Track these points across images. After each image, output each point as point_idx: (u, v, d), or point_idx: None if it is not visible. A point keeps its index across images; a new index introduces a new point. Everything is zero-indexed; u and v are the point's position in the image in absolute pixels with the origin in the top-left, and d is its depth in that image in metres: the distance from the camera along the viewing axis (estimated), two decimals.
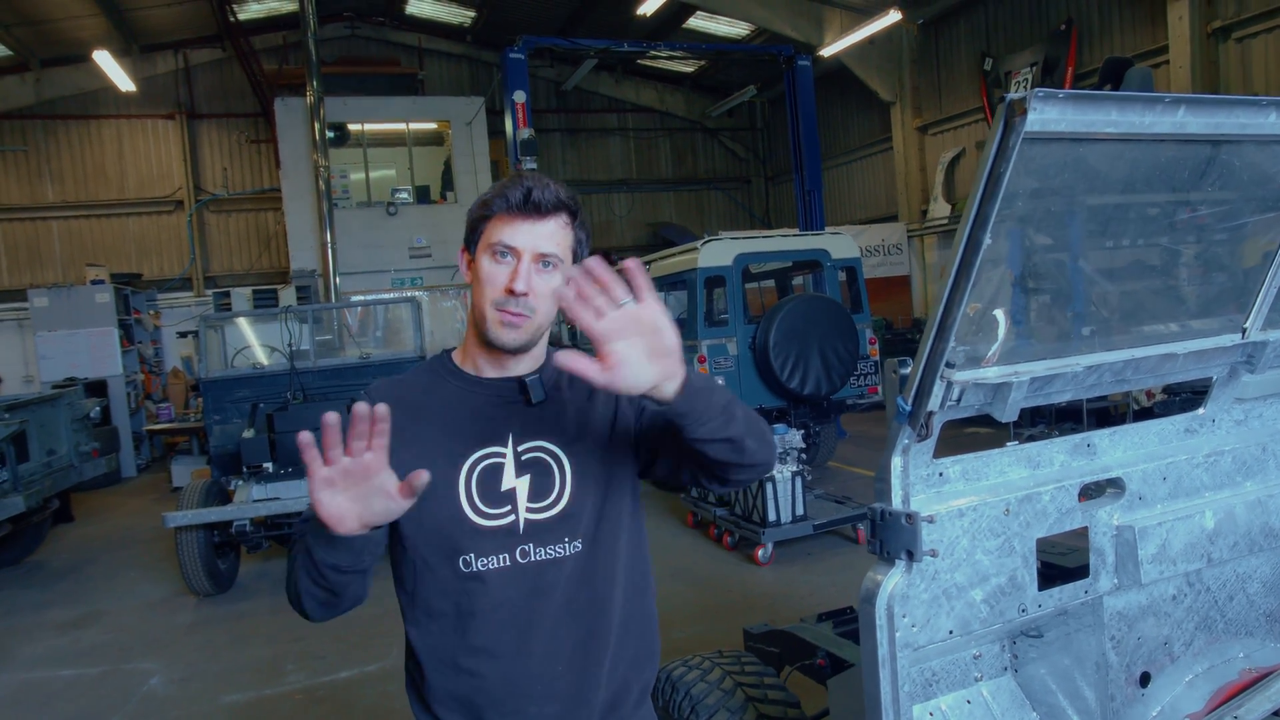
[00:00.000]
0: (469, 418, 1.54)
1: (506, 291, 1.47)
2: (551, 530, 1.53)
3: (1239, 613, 2.07)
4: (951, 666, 1.99)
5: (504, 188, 1.51)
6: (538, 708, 1.51)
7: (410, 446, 1.50)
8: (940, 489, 1.68)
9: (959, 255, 1.42)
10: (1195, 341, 1.84)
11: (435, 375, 1.61)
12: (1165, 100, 1.48)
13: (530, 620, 1.51)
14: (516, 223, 1.48)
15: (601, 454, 1.59)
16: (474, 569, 1.49)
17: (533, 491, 1.53)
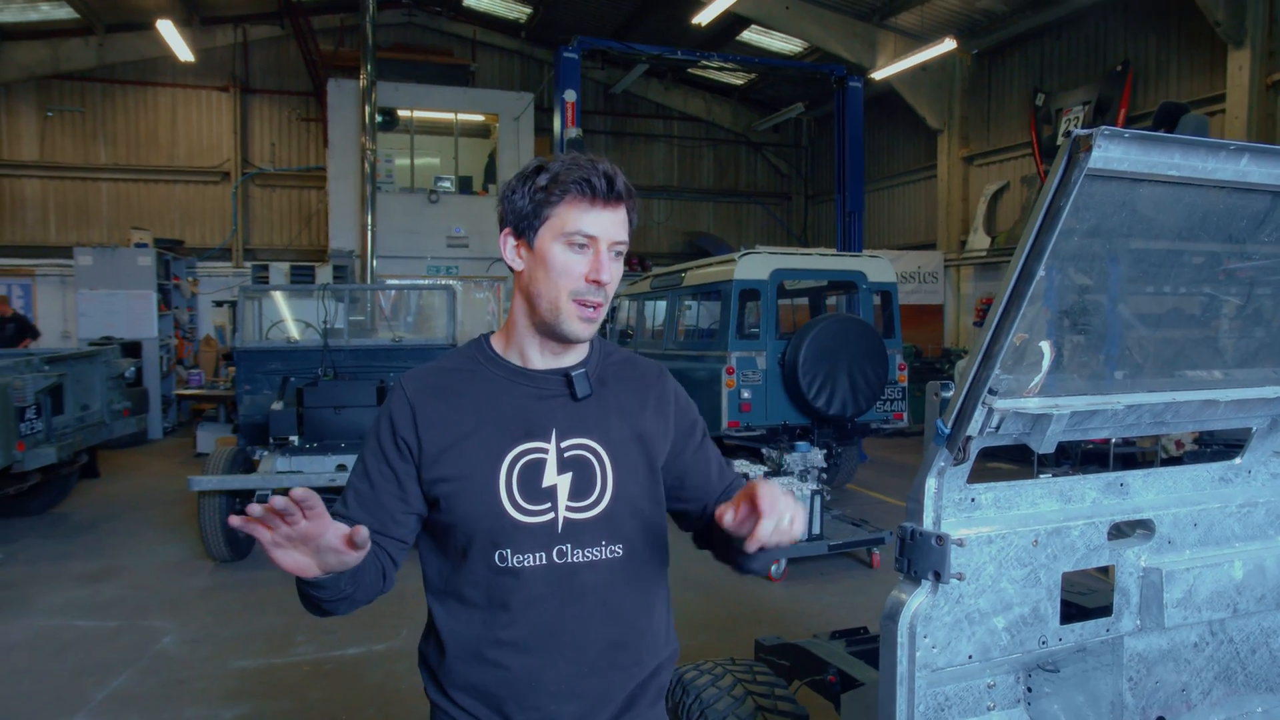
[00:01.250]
0: (513, 410, 1.51)
1: (592, 281, 1.45)
2: (590, 531, 1.51)
3: (1261, 667, 2.06)
4: (965, 693, 1.99)
5: (579, 172, 1.44)
6: (558, 706, 1.50)
7: (458, 433, 1.49)
8: (971, 514, 1.70)
9: (1011, 284, 1.44)
10: (1238, 390, 1.84)
11: (476, 363, 1.57)
12: (1230, 147, 1.49)
13: (561, 620, 1.50)
14: (598, 210, 1.45)
15: (647, 459, 1.58)
16: (509, 564, 1.48)
17: (574, 490, 1.50)
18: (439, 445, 1.48)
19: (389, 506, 1.51)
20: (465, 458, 1.47)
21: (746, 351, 8.16)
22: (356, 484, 1.54)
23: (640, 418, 1.59)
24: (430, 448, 1.48)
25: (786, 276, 8.67)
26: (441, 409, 1.50)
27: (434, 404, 1.50)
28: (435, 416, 1.49)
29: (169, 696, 4.39)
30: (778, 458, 6.97)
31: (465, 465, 1.48)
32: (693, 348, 9.11)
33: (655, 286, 10.26)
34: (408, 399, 1.52)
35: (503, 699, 1.50)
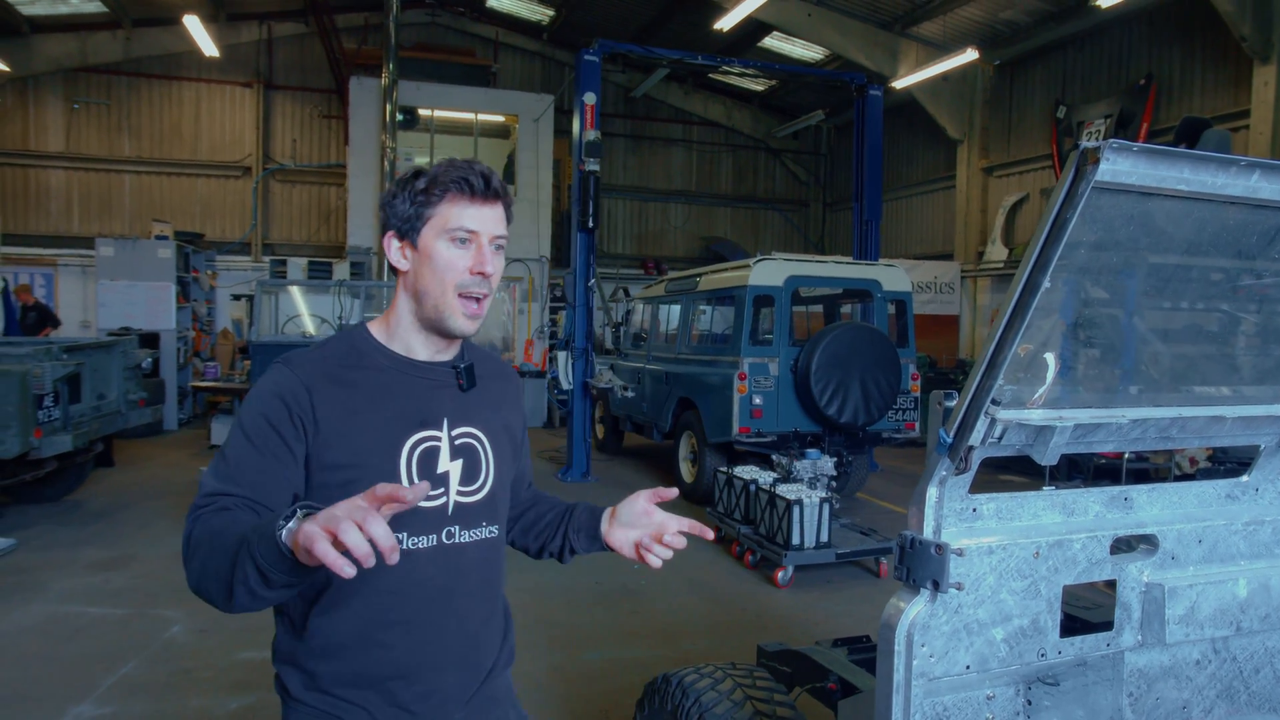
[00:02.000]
0: (407, 400, 1.57)
1: (476, 273, 1.54)
2: (475, 514, 1.62)
3: (1264, 687, 2.05)
4: (964, 704, 1.99)
5: (456, 172, 1.53)
6: (440, 676, 1.58)
7: (353, 419, 1.51)
8: (973, 524, 1.69)
9: (1016, 295, 1.44)
10: (1245, 407, 1.83)
11: (360, 353, 1.59)
12: (1240, 163, 1.48)
13: (449, 597, 1.58)
14: (477, 206, 1.53)
15: (512, 448, 1.74)
16: (404, 547, 1.51)
17: (464, 475, 1.60)
18: (335, 429, 1.49)
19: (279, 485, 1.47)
20: (365, 444, 1.49)
21: (759, 358, 8.15)
22: (237, 457, 1.48)
23: (504, 410, 1.74)
24: (326, 430, 1.49)
25: (801, 284, 8.65)
26: (337, 393, 1.52)
27: (329, 388, 1.52)
28: (331, 399, 1.51)
29: (175, 685, 4.43)
30: (788, 465, 6.96)
31: (365, 451, 1.50)
32: (706, 353, 9.11)
33: (670, 291, 10.26)
34: (301, 381, 1.51)
35: (388, 678, 1.55)
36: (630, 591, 6.08)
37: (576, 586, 6.14)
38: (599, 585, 6.19)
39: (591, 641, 5.12)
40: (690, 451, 9.18)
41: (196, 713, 4.14)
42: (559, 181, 18.28)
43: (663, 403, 9.67)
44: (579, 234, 9.92)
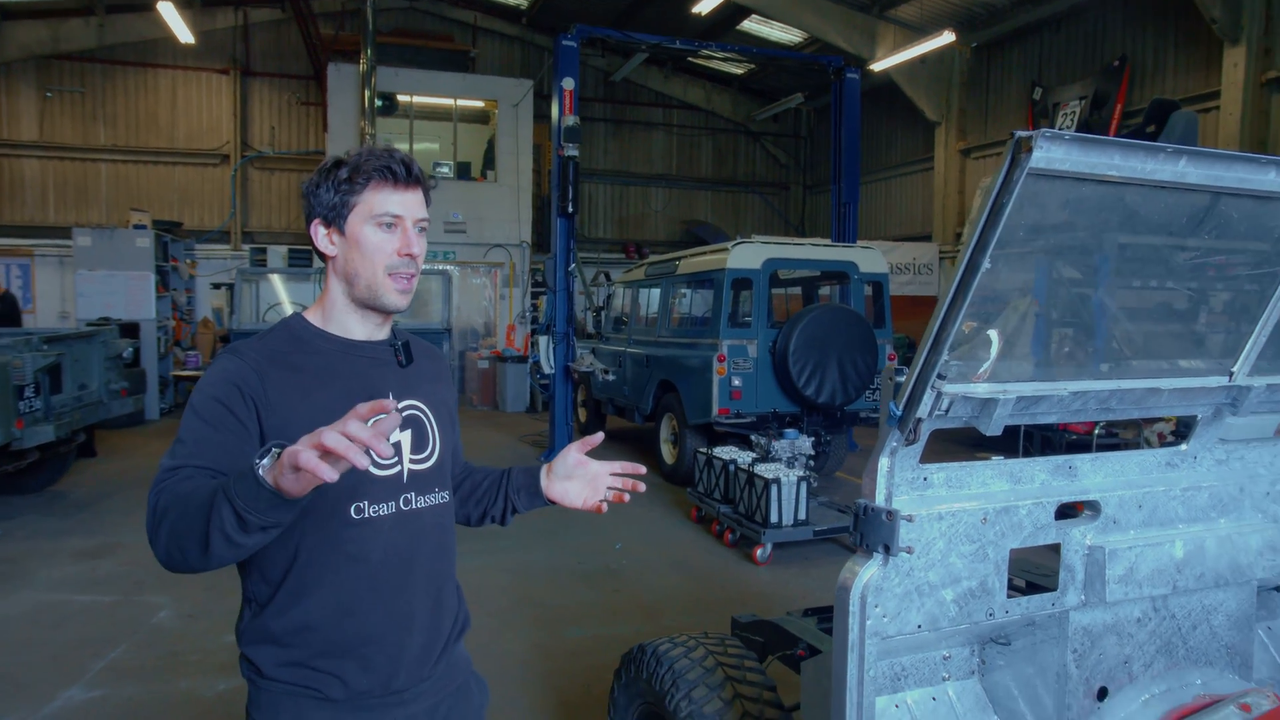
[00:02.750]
0: (353, 378, 1.65)
1: (401, 255, 1.63)
2: (428, 480, 1.73)
3: (1201, 642, 2.17)
4: (921, 664, 2.10)
5: (378, 161, 1.61)
6: (411, 638, 1.68)
7: (306, 398, 1.58)
8: (924, 492, 1.80)
9: (958, 276, 1.53)
10: (1181, 380, 1.94)
11: (300, 339, 1.66)
12: (1167, 150, 1.58)
13: (411, 562, 1.68)
14: (400, 192, 1.63)
15: (450, 420, 1.85)
16: (365, 515, 1.62)
17: (414, 445, 1.71)
18: (289, 409, 1.56)
19: (233, 455, 1.49)
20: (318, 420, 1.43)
21: (738, 340, 8.25)
22: (194, 435, 1.51)
23: (439, 386, 1.84)
24: (280, 410, 1.55)
25: (779, 266, 8.75)
26: (286, 376, 1.59)
27: (278, 373, 1.59)
28: (282, 383, 1.58)
29: (164, 668, 4.51)
30: (766, 445, 7.08)
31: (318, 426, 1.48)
32: (685, 335, 9.20)
33: (649, 274, 10.34)
34: (251, 366, 1.57)
35: (361, 645, 1.62)
36: (612, 571, 6.19)
37: (559, 567, 6.24)
38: (581, 565, 6.29)
39: (574, 620, 5.23)
40: (671, 433, 9.29)
41: (184, 695, 4.22)
42: (539, 166, 18.27)
43: (643, 386, 9.77)
44: (559, 219, 9.97)
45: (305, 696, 1.62)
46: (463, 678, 1.85)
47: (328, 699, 1.62)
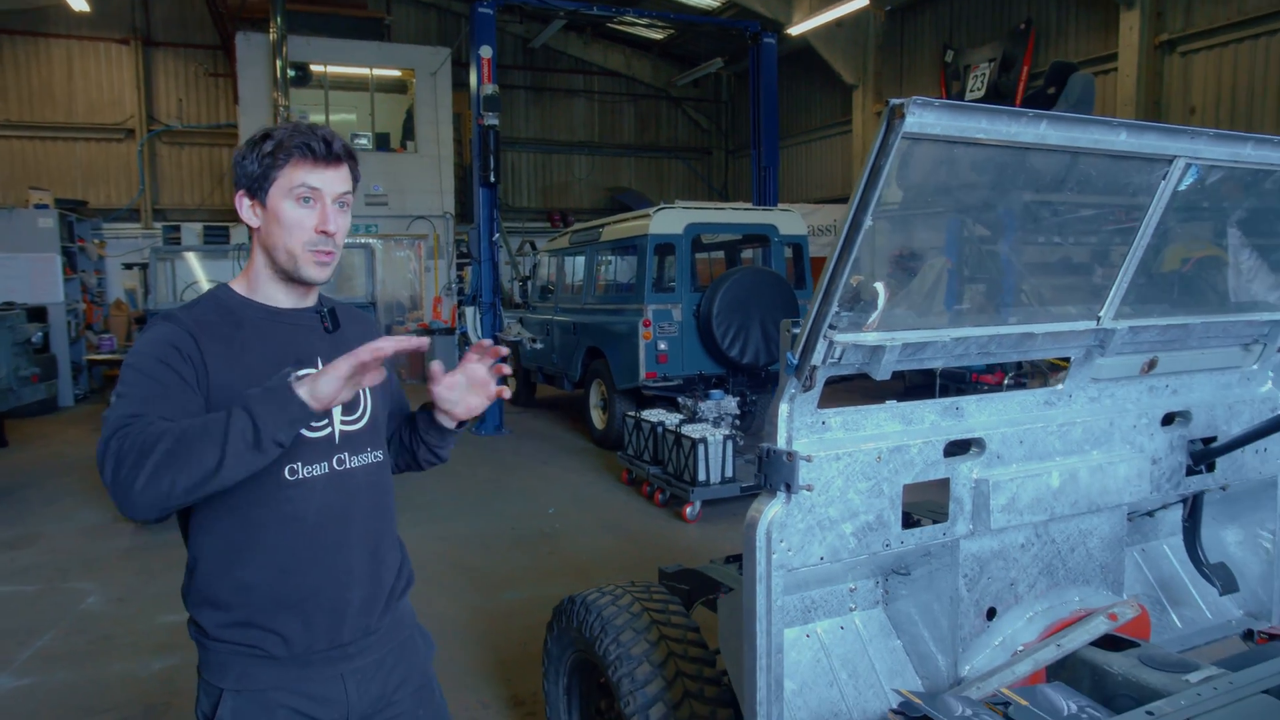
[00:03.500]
0: (283, 343, 1.71)
1: (319, 232, 1.67)
2: (360, 440, 1.78)
3: (1079, 563, 2.39)
4: (829, 597, 2.27)
5: (300, 137, 1.65)
6: (350, 593, 1.74)
7: (238, 363, 1.64)
8: (822, 435, 1.94)
9: (843, 233, 1.67)
10: (1052, 324, 2.12)
11: (226, 308, 1.71)
12: (1029, 115, 1.73)
13: (346, 520, 1.74)
14: (320, 169, 1.66)
15: (384, 386, 1.88)
16: (299, 476, 1.68)
17: (345, 406, 1.75)
18: (223, 377, 1.62)
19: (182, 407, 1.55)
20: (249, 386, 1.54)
21: (663, 304, 8.39)
22: (141, 391, 1.55)
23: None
24: (216, 377, 1.62)
25: (700, 231, 8.89)
26: (220, 345, 1.65)
27: (212, 340, 1.65)
28: (216, 349, 1.64)
29: (95, 652, 4.48)
30: (693, 406, 7.25)
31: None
32: (611, 302, 9.30)
33: (574, 242, 10.39)
34: (187, 330, 1.63)
35: (301, 601, 1.69)
36: (546, 535, 6.31)
37: (493, 533, 6.34)
38: (515, 530, 6.40)
39: (509, 583, 5.34)
40: (600, 399, 9.42)
41: (119, 676, 4.21)
42: (460, 136, 18.03)
43: (571, 353, 9.85)
44: (481, 189, 9.93)
45: (250, 655, 1.67)
46: (408, 632, 1.92)
47: (271, 656, 1.67)
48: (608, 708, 2.81)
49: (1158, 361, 2.46)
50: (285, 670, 1.69)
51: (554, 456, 9.06)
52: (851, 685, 2.18)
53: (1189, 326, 2.39)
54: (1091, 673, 2.11)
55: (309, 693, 1.71)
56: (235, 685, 1.68)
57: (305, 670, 1.71)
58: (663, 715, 2.40)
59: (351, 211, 1.80)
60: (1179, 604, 2.81)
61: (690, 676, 2.47)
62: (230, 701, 1.67)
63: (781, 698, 1.91)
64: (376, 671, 1.81)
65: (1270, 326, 2.58)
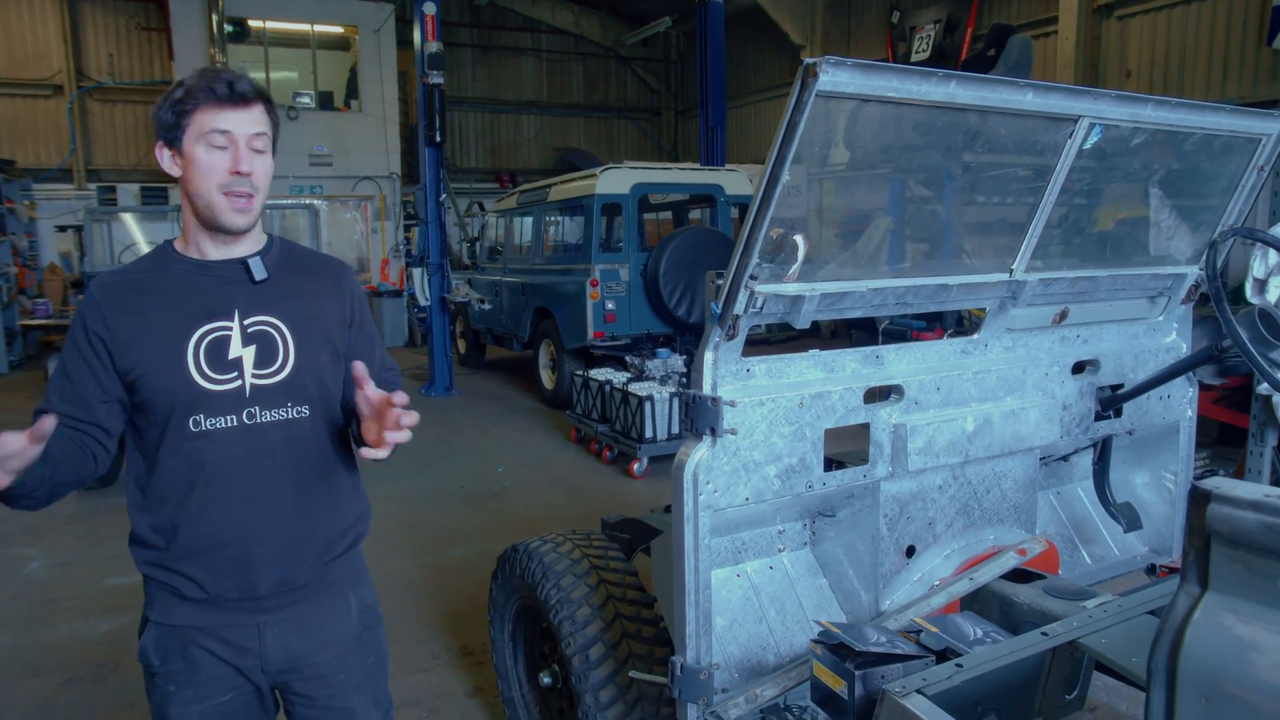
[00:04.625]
0: (196, 296, 1.73)
1: (233, 174, 1.68)
2: (277, 394, 1.76)
3: (994, 504, 2.53)
4: (759, 539, 2.39)
5: (204, 81, 1.67)
6: (261, 548, 1.76)
7: (139, 325, 1.70)
8: (747, 382, 2.04)
9: (761, 188, 1.74)
10: (966, 276, 2.23)
11: (160, 262, 1.78)
12: (939, 74, 1.82)
13: (256, 473, 1.75)
14: (226, 111, 1.66)
15: (327, 338, 1.84)
16: (203, 428, 1.71)
17: (258, 359, 1.74)
18: (129, 335, 1.70)
19: (88, 396, 1.70)
20: (154, 342, 1.69)
21: (610, 264, 8.44)
22: (58, 380, 1.72)
23: (317, 301, 1.85)
24: (121, 337, 1.69)
25: (647, 190, 8.93)
26: (130, 303, 1.72)
27: (122, 300, 1.72)
28: (123, 310, 1.71)
29: (41, 615, 4.47)
30: (640, 365, 7.35)
31: (155, 348, 1.69)
32: (559, 262, 9.32)
33: (521, 203, 10.35)
34: (96, 300, 1.72)
35: (212, 550, 1.74)
36: (495, 493, 6.39)
37: (443, 491, 6.40)
38: (464, 489, 6.46)
39: (459, 539, 5.42)
40: (549, 359, 9.47)
41: (65, 638, 4.21)
42: (406, 95, 17.71)
43: (520, 313, 9.87)
44: (427, 149, 9.82)
45: (169, 592, 1.77)
46: (341, 595, 1.91)
47: (186, 597, 1.76)
48: (550, 651, 2.91)
49: (1068, 313, 2.60)
50: (201, 611, 1.77)
51: (504, 416, 9.11)
52: (779, 621, 2.31)
53: (1097, 279, 2.52)
54: (1001, 603, 2.26)
55: (224, 637, 1.78)
56: (158, 618, 1.78)
57: (220, 614, 1.77)
58: (602, 654, 2.50)
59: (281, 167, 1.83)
60: (1090, 542, 2.99)
61: (629, 618, 2.57)
62: (153, 632, 1.79)
63: (710, 631, 2.02)
64: (299, 628, 1.83)
65: (1174, 280, 2.73)
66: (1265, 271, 3.40)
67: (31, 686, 3.75)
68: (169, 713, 1.79)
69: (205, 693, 1.79)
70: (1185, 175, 2.67)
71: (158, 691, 1.80)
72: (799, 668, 2.08)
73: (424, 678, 3.72)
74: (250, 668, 1.80)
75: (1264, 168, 2.53)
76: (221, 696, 1.80)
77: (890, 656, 1.80)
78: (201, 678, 1.78)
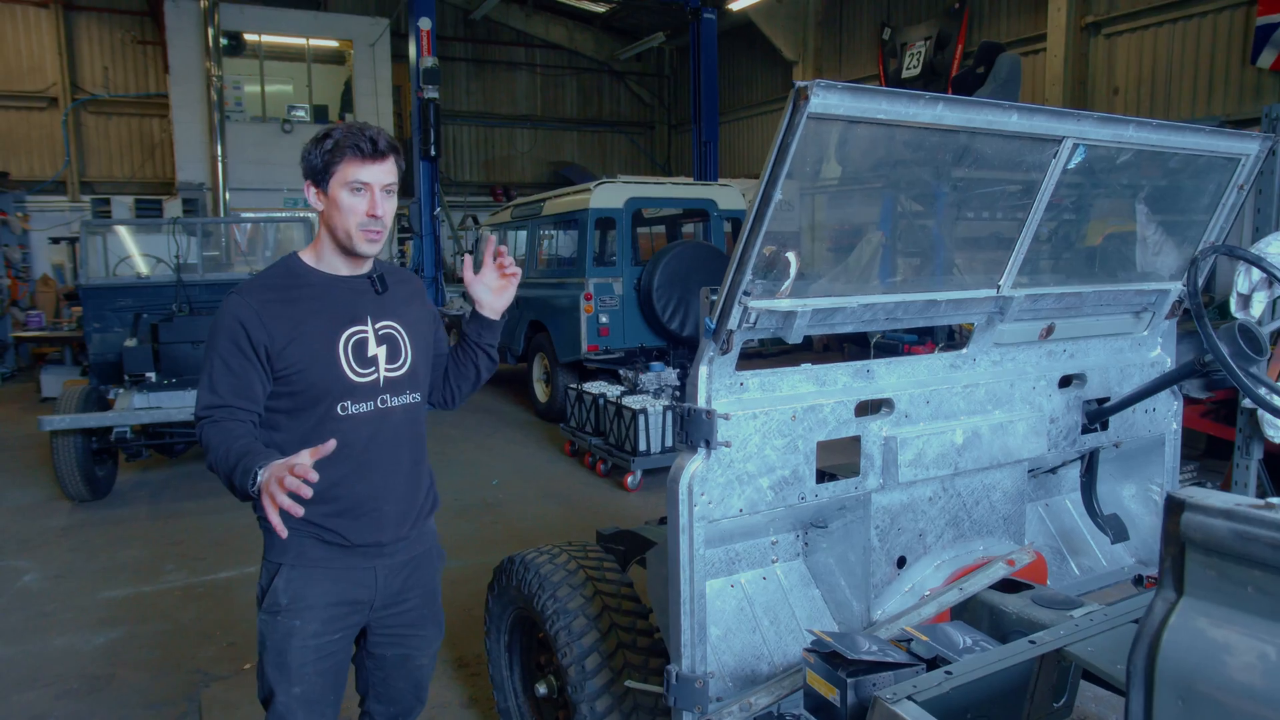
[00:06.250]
0: (338, 304, 2.10)
1: (369, 216, 2.03)
2: (401, 384, 2.17)
3: (983, 515, 2.58)
4: (752, 550, 2.43)
5: (350, 137, 2.00)
6: (389, 506, 2.16)
7: (299, 326, 2.03)
8: (740, 396, 2.08)
9: (755, 207, 1.79)
10: (954, 292, 2.28)
11: (297, 275, 2.11)
12: (925, 97, 1.88)
13: (386, 448, 2.15)
14: (368, 165, 2.01)
15: (423, 337, 2.26)
16: (350, 412, 2.08)
17: (389, 356, 2.15)
18: (286, 337, 2.02)
19: (256, 390, 2.02)
20: (310, 343, 2.04)
21: (604, 278, 8.49)
22: (225, 379, 2.00)
23: (413, 307, 2.26)
24: (279, 339, 2.01)
25: (641, 205, 8.99)
26: (283, 309, 2.04)
27: (275, 306, 2.04)
28: (278, 315, 2.03)
29: (35, 628, 4.47)
30: (634, 378, 7.39)
31: (311, 349, 2.04)
32: (553, 276, 9.37)
33: (516, 216, 10.41)
34: (252, 306, 2.02)
35: (349, 508, 2.10)
36: (489, 505, 6.41)
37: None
38: (458, 501, 6.48)
39: (453, 552, 5.41)
40: (543, 372, 9.50)
41: (61, 651, 4.22)
42: (400, 109, 17.79)
43: (514, 327, 9.91)
44: (422, 163, 9.89)
45: (309, 537, 2.08)
46: (428, 545, 2.35)
47: (325, 542, 2.10)
48: (546, 661, 2.94)
49: (1054, 328, 2.65)
50: (333, 553, 2.11)
51: (497, 429, 9.14)
52: (773, 630, 2.34)
53: (1083, 295, 2.58)
54: (990, 612, 2.30)
55: (348, 577, 2.13)
56: (293, 561, 2.10)
57: (349, 558, 2.13)
58: (598, 664, 2.53)
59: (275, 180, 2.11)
60: (1078, 553, 3.03)
61: (624, 629, 2.60)
62: (286, 573, 2.10)
63: (705, 641, 2.06)
64: (400, 570, 2.23)
65: (1158, 295, 2.79)
66: (1249, 287, 3.45)
67: (25, 699, 3.75)
68: (289, 646, 2.09)
69: (323, 629, 2.11)
70: (1168, 193, 2.73)
71: (279, 630, 2.09)
72: (792, 676, 2.12)
73: None
74: (361, 604, 2.16)
75: (1243, 186, 2.59)
76: (333, 635, 2.13)
77: (881, 665, 1.84)
78: (323, 615, 2.10)
